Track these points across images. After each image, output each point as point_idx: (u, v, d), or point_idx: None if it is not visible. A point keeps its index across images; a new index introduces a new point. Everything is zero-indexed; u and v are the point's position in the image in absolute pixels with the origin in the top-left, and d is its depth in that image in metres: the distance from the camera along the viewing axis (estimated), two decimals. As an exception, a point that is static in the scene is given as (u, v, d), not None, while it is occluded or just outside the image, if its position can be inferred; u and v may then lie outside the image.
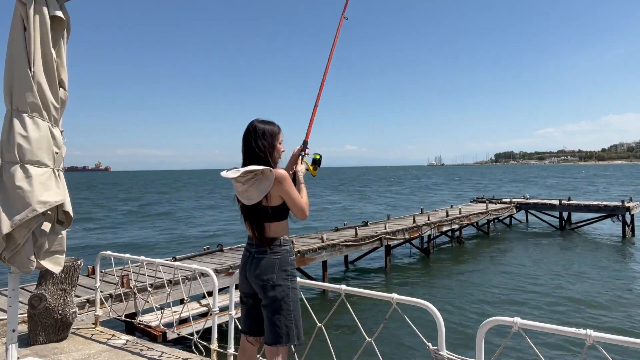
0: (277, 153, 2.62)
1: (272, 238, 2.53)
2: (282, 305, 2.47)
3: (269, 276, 2.48)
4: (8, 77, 2.74)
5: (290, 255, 2.58)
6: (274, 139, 2.60)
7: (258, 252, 2.54)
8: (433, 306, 2.64)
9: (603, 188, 54.29)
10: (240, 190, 2.52)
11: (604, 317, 9.73)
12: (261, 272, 2.49)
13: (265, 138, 2.56)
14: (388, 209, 33.41)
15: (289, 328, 2.48)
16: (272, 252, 2.52)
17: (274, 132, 2.61)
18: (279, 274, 2.49)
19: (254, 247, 2.58)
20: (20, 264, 2.79)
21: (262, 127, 2.58)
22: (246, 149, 2.57)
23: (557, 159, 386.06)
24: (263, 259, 2.51)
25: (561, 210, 22.19)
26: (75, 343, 4.19)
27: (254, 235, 2.57)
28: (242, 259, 2.66)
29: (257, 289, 2.54)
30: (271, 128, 2.61)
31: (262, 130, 2.57)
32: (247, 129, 2.60)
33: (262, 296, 2.52)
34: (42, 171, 2.76)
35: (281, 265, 2.51)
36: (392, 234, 14.59)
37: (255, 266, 2.52)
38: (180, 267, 4.70)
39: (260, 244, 2.54)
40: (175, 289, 7.80)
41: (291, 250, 2.60)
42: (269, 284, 2.47)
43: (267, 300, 2.49)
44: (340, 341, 8.04)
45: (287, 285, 2.51)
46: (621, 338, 2.10)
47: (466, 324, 9.26)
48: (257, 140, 2.55)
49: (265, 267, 2.49)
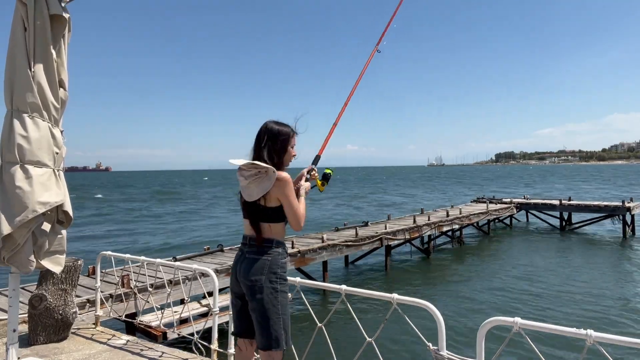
0: (288, 156, 2.60)
1: (265, 239, 2.50)
2: (271, 308, 2.42)
3: (257, 277, 2.43)
4: (8, 77, 2.74)
5: (282, 258, 2.53)
6: (287, 142, 2.58)
7: (250, 252, 2.52)
8: (433, 306, 2.64)
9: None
10: (243, 185, 2.51)
11: (604, 317, 9.72)
12: (250, 272, 2.45)
13: (278, 140, 2.54)
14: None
15: (278, 333, 2.42)
16: (264, 253, 2.48)
17: (287, 134, 2.58)
18: (268, 276, 2.45)
19: (246, 246, 2.56)
20: (20, 263, 2.79)
21: (276, 128, 2.56)
22: (257, 149, 2.55)
23: (558, 159, 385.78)
24: (253, 260, 2.48)
25: (561, 210, 22.19)
26: (75, 343, 4.19)
27: (250, 231, 2.55)
28: (235, 258, 2.63)
29: (244, 290, 2.50)
30: (285, 130, 2.58)
31: (275, 132, 2.55)
32: (261, 129, 2.58)
33: (249, 298, 2.47)
34: (42, 171, 2.76)
35: (271, 267, 2.47)
36: (392, 234, 14.60)
37: (245, 266, 2.49)
38: (181, 267, 4.70)
39: (253, 244, 2.52)
40: (175, 289, 7.81)
41: (283, 253, 2.55)
42: (256, 286, 2.43)
43: (255, 304, 2.44)
44: (341, 341, 8.03)
45: (276, 288, 2.46)
46: (621, 338, 2.09)
47: (466, 324, 9.26)
48: (269, 140, 2.53)
49: (254, 268, 2.45)
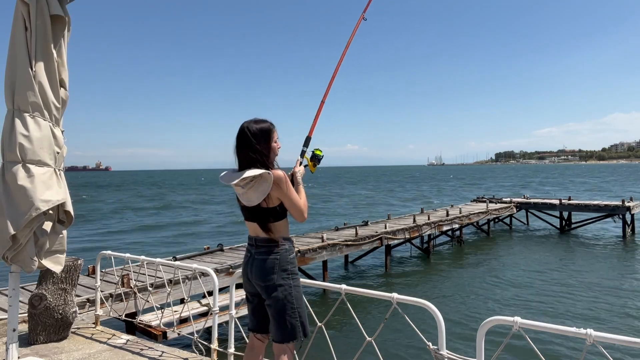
0: (274, 152, 2.57)
1: (271, 238, 2.53)
2: (286, 304, 2.49)
3: (269, 277, 2.49)
4: (10, 76, 2.74)
5: (290, 254, 2.57)
6: (269, 139, 2.54)
7: (258, 253, 2.55)
8: (433, 306, 2.64)
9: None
10: (240, 192, 2.52)
11: (604, 317, 9.73)
12: (261, 274, 2.51)
13: (260, 139, 2.50)
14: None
15: (294, 325, 2.50)
16: (271, 252, 2.52)
17: (268, 130, 2.54)
18: (279, 274, 2.50)
19: (254, 247, 2.59)
20: (23, 262, 2.80)
21: (255, 127, 2.51)
22: (241, 153, 2.51)
23: (557, 158, 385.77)
24: (262, 261, 2.52)
25: (561, 210, 22.17)
26: (75, 342, 4.19)
27: (255, 232, 2.58)
28: (244, 259, 2.67)
29: (259, 290, 2.57)
30: (265, 127, 2.53)
31: (255, 132, 2.49)
32: (239, 132, 2.52)
33: (265, 297, 2.54)
34: (43, 170, 2.77)
35: (281, 265, 2.52)
36: (392, 234, 14.59)
37: (255, 268, 2.54)
38: (181, 266, 4.70)
39: (260, 244, 2.55)
40: (175, 288, 7.80)
41: (290, 249, 2.59)
42: (270, 286, 2.50)
43: (271, 301, 2.51)
44: (341, 341, 8.03)
45: (289, 284, 2.52)
46: (621, 338, 2.09)
47: (466, 324, 9.26)
48: (251, 143, 2.48)
49: (265, 269, 2.50)
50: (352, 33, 3.31)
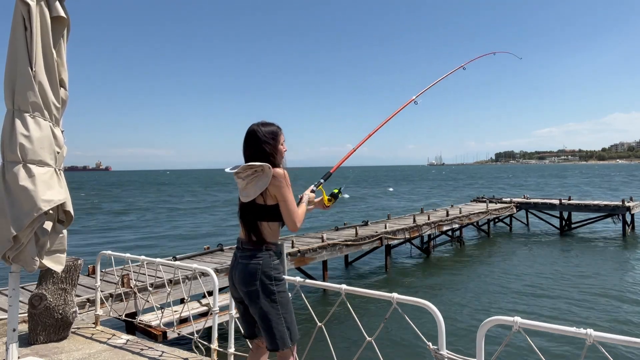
0: (280, 154, 2.58)
1: (256, 241, 2.49)
2: (270, 311, 2.43)
3: (252, 285, 2.43)
4: (9, 76, 2.74)
5: (274, 260, 2.50)
6: (276, 141, 2.55)
7: (242, 257, 2.50)
8: (433, 306, 2.64)
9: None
10: (241, 187, 2.51)
11: (604, 317, 9.73)
12: (244, 280, 2.45)
13: (267, 141, 2.52)
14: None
15: (282, 332, 2.44)
16: (254, 257, 2.46)
17: (276, 133, 2.56)
18: (262, 280, 2.43)
19: (239, 250, 2.55)
20: (25, 262, 2.80)
21: (263, 130, 2.53)
22: (249, 154, 2.53)
23: (558, 158, 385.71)
24: (245, 265, 2.46)
25: (561, 209, 22.17)
26: (75, 342, 4.19)
27: (243, 234, 2.54)
28: (231, 262, 2.63)
29: (242, 295, 2.51)
30: (273, 129, 2.57)
31: (264, 133, 2.52)
32: (247, 134, 2.55)
33: (248, 303, 2.48)
34: (44, 170, 2.76)
35: (263, 271, 2.44)
36: (392, 234, 14.60)
37: (238, 272, 2.49)
38: (181, 266, 4.70)
39: (245, 248, 2.51)
40: (175, 288, 7.81)
41: (273, 255, 2.51)
42: (253, 292, 2.43)
43: (254, 308, 2.46)
44: (341, 341, 8.03)
45: (272, 290, 2.44)
46: (622, 338, 2.09)
47: (466, 324, 9.27)
48: (259, 144, 2.50)
49: (247, 276, 2.45)
50: (399, 109, 3.93)
